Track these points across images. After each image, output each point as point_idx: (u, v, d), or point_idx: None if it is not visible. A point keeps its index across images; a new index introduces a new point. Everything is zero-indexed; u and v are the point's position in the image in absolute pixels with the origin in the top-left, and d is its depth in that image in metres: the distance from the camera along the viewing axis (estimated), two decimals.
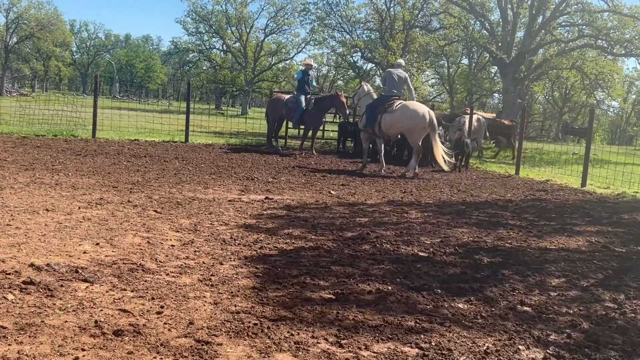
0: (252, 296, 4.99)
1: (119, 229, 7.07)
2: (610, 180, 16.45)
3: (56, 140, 17.14)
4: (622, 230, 9.40)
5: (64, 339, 3.89)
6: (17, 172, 10.81)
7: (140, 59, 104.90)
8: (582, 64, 35.94)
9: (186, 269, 5.65)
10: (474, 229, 8.70)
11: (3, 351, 3.66)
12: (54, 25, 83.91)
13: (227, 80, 71.95)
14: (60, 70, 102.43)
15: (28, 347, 3.75)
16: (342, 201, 10.50)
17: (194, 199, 9.49)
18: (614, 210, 11.59)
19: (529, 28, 33.38)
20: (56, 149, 14.87)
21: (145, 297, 4.78)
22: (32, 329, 4.00)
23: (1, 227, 6.62)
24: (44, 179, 10.21)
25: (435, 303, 5.14)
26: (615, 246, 8.08)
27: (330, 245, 6.98)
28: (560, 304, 5.39)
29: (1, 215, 7.19)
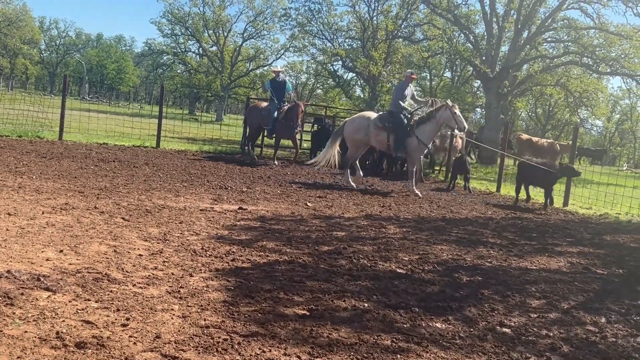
0: (222, 310, 4.96)
1: (84, 236, 7.00)
2: (592, 200, 16.63)
3: (20, 142, 16.94)
4: (604, 252, 9.50)
5: (23, 350, 3.83)
6: None
7: (112, 60, 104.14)
8: (567, 81, 36.42)
9: (154, 280, 5.59)
10: (454, 246, 8.74)
11: None
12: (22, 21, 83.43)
13: (202, 85, 71.78)
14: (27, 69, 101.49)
15: None
16: (318, 214, 10.49)
17: (164, 207, 9.42)
18: (596, 231, 11.72)
19: (514, 43, 33.73)
20: (20, 151, 14.70)
21: (110, 309, 4.72)
22: None
23: None
24: (6, 182, 10.08)
25: (413, 322, 5.15)
26: (597, 268, 8.17)
27: (305, 260, 6.96)
28: (540, 326, 5.42)
29: None
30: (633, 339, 5.30)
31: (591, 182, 22.17)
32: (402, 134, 14.81)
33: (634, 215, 14.51)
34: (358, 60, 43.55)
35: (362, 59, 43.04)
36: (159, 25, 71.78)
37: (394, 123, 14.93)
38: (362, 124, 15.30)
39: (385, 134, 14.95)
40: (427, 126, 14.75)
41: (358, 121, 15.56)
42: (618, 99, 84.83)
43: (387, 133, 14.93)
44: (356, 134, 15.36)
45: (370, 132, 15.09)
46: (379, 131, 15.01)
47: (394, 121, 14.97)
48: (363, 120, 15.41)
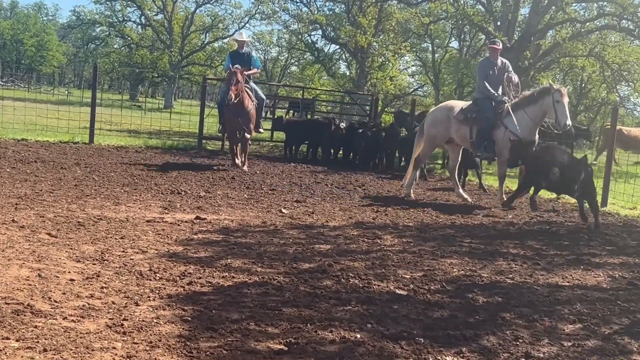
0: (178, 347, 4.93)
1: (0, 257, 6.94)
2: (637, 198, 16.71)
3: None
4: None
5: None
6: None
7: (31, 34, 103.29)
8: (602, 50, 36.50)
9: (90, 311, 5.56)
10: (466, 259, 8.75)
11: None
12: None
13: (146, 63, 71.47)
14: None
15: None
16: (296, 223, 10.47)
17: (100, 219, 9.38)
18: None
19: (535, 4, 33.84)
20: None
21: (34, 349, 4.69)
22: None
23: None
24: None
25: (417, 356, 5.15)
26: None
27: (281, 281, 6.95)
28: (576, 357, 5.45)
29: None
30: None
31: (635, 176, 22.29)
32: (488, 126, 13.99)
33: None
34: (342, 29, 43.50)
35: (346, 27, 43.00)
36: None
37: (477, 113, 14.14)
38: (442, 115, 14.88)
39: (468, 129, 14.24)
40: (523, 114, 13.58)
41: (437, 112, 15.20)
42: None
43: (469, 127, 14.22)
44: (433, 128, 14.99)
45: (451, 126, 14.57)
46: (459, 125, 14.48)
47: (478, 111, 14.21)
48: (443, 112, 14.99)
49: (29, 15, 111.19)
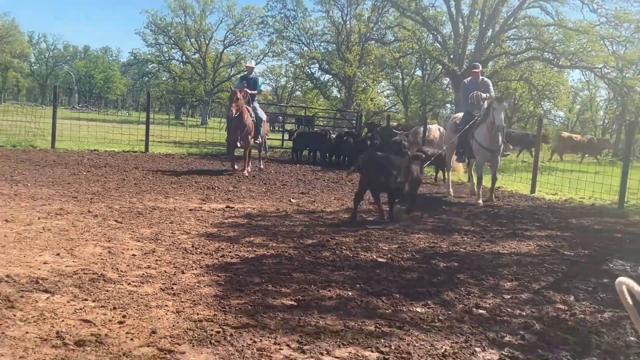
0: (214, 304, 4.94)
1: (79, 239, 6.95)
2: (557, 187, 16.75)
3: (15, 151, 16.77)
4: (570, 235, 9.57)
5: (25, 350, 3.79)
6: None
7: (100, 70, 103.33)
8: (530, 76, 36.69)
9: (148, 278, 5.57)
10: (430, 234, 8.77)
11: None
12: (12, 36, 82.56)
13: (186, 91, 71.43)
14: (19, 81, 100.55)
15: None
16: (302, 209, 10.48)
17: (154, 209, 9.37)
18: (562, 215, 11.80)
19: (479, 41, 33.85)
20: (15, 160, 14.55)
21: (107, 307, 4.70)
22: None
23: None
24: (2, 190, 9.97)
25: (394, 307, 5.16)
26: (564, 250, 8.23)
27: (291, 253, 6.96)
28: (513, 306, 5.46)
29: None
30: (600, 315, 5.35)
31: (556, 170, 22.34)
32: (464, 136, 13.25)
33: (597, 199, 14.63)
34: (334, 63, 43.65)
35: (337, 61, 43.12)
36: (143, 35, 71.23)
37: (460, 125, 13.41)
38: (450, 126, 14.38)
39: (456, 138, 13.55)
40: (484, 125, 12.65)
41: (449, 123, 14.41)
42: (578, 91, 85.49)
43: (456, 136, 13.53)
44: (447, 134, 14.58)
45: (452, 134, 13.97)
46: (453, 134, 13.88)
47: (461, 123, 13.48)
48: (451, 123, 14.43)
49: (98, 56, 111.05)
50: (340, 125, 30.74)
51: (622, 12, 31.04)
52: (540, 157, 16.97)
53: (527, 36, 35.67)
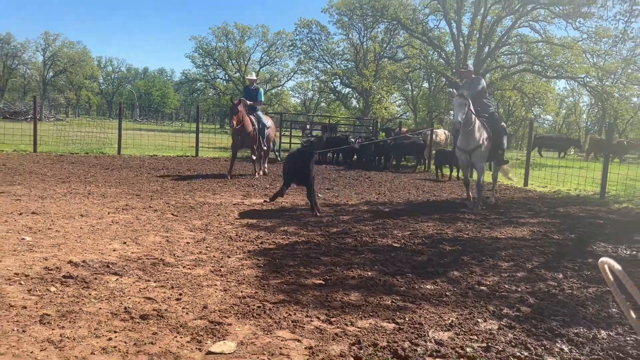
0: (255, 283, 4.97)
1: (142, 230, 7.02)
2: (547, 180, 16.55)
3: (87, 157, 17.01)
4: (558, 221, 9.46)
5: (99, 324, 3.85)
6: (55, 184, 10.71)
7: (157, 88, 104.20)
8: (522, 86, 36.28)
9: (199, 262, 5.61)
10: (437, 223, 8.72)
11: (48, 335, 3.62)
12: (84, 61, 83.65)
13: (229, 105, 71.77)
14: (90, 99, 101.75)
15: (69, 331, 3.71)
16: (327, 203, 10.48)
17: (204, 204, 9.44)
18: (552, 205, 11.66)
19: (477, 57, 33.57)
20: (88, 164, 14.76)
21: (166, 286, 4.74)
22: (72, 316, 3.95)
23: (44, 231, 6.56)
24: (78, 190, 10.12)
25: (408, 285, 5.14)
26: (554, 234, 8.14)
27: (319, 240, 6.96)
28: (510, 283, 5.41)
29: (43, 221, 7.12)
30: (585, 290, 5.28)
31: (546, 165, 22.07)
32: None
33: (581, 191, 14.42)
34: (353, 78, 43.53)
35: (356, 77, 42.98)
36: (192, 58, 71.76)
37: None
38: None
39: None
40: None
41: None
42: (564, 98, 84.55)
43: None
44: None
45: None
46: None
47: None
48: None
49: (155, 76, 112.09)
50: (359, 132, 30.63)
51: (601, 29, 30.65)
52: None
53: (518, 52, 35.34)
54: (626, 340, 4.07)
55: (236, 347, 3.60)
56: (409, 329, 4.06)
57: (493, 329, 4.16)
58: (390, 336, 3.91)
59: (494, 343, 3.88)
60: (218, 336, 3.75)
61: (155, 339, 3.66)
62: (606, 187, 13.33)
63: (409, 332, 4.00)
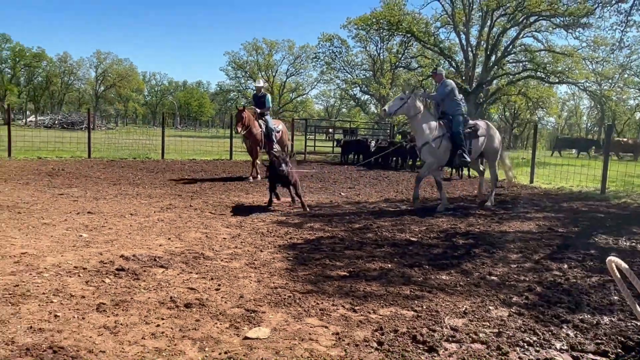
0: (285, 275, 4.98)
1: (184, 227, 7.09)
2: (551, 177, 16.28)
3: (135, 162, 17.23)
4: (562, 216, 9.29)
5: (148, 311, 3.90)
6: (108, 186, 10.88)
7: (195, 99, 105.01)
8: (526, 91, 35.81)
9: (235, 256, 5.65)
10: (451, 218, 8.63)
11: (104, 322, 3.68)
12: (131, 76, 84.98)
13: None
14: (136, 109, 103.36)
15: (122, 318, 3.76)
16: (349, 201, 10.45)
17: (238, 203, 9.49)
18: (556, 200, 11.46)
19: (485, 65, 33.25)
20: (135, 168, 14.96)
21: (206, 278, 4.79)
22: (124, 304, 4.02)
23: (98, 228, 6.67)
24: (127, 191, 10.26)
25: (425, 276, 5.11)
26: (558, 228, 8.00)
27: (342, 235, 6.95)
28: (519, 273, 5.34)
29: (98, 219, 7.24)
30: (589, 279, 5.19)
31: (549, 164, 21.71)
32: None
33: (583, 187, 14.15)
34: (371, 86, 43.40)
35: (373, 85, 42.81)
36: (226, 71, 72.62)
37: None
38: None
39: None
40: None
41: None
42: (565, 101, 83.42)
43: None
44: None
45: None
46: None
47: None
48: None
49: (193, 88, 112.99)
50: (377, 134, 30.52)
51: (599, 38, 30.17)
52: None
53: (523, 60, 34.88)
54: (627, 326, 3.99)
55: (270, 333, 3.62)
56: (427, 316, 4.03)
57: (504, 316, 4.11)
58: (410, 323, 3.89)
59: (504, 329, 3.84)
60: (253, 323, 3.78)
61: (198, 325, 3.70)
62: (606, 183, 13.05)
63: (426, 319, 3.97)
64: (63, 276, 4.65)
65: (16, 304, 3.93)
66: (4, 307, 3.87)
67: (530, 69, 33.72)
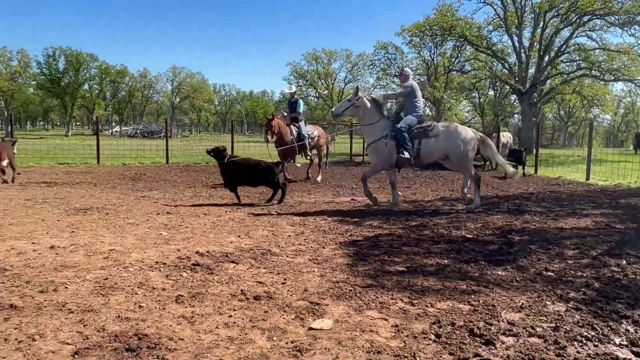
0: (346, 270, 4.98)
1: (252, 225, 7.22)
2: (608, 174, 15.43)
3: (208, 166, 17.74)
4: (620, 212, 8.78)
5: (221, 303, 4.00)
6: (184, 189, 11.26)
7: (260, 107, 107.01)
8: (581, 89, 34.08)
9: (299, 252, 5.69)
10: (506, 215, 8.35)
11: (182, 312, 3.80)
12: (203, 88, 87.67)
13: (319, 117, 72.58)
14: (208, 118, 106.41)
15: (198, 309, 3.88)
16: (406, 199, 10.32)
17: (301, 202, 9.57)
18: (613, 197, 10.85)
19: (538, 65, 31.91)
20: (208, 172, 15.40)
21: (273, 272, 4.85)
22: (200, 296, 4.13)
23: (176, 227, 6.91)
24: (201, 193, 10.58)
25: (481, 271, 4.96)
26: (616, 224, 7.56)
27: (400, 232, 6.87)
28: (576, 269, 5.08)
29: (176, 219, 7.50)
30: None
31: (605, 161, 20.60)
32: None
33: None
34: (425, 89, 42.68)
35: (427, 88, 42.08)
36: (288, 80, 73.16)
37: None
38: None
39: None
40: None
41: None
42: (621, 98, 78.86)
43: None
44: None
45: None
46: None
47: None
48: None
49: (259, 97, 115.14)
50: None
51: None
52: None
53: (577, 59, 33.23)
54: None
55: (333, 324, 3.62)
56: (483, 310, 3.92)
57: (561, 311, 3.92)
58: (467, 316, 3.79)
59: (562, 323, 3.67)
60: (317, 315, 3.79)
61: (266, 316, 3.76)
62: None
63: (483, 313, 3.86)
64: (146, 270, 4.84)
65: (106, 295, 4.14)
66: (96, 298, 4.08)
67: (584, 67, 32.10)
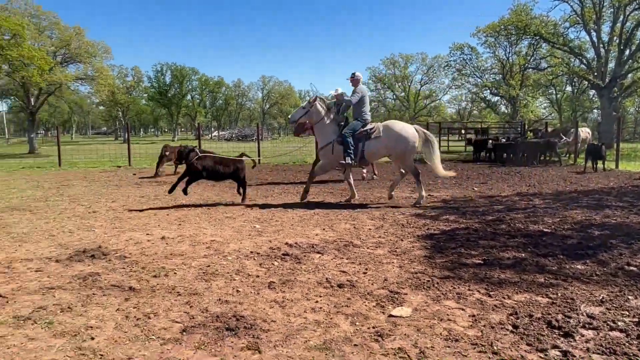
0: (424, 262, 4.90)
1: (335, 219, 7.30)
2: None
3: (294, 165, 18.13)
4: None
5: (309, 290, 4.09)
6: (273, 186, 11.60)
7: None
8: None
9: (380, 244, 5.68)
10: (585, 210, 7.79)
11: (274, 297, 3.94)
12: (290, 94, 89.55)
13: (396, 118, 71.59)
14: None
15: (288, 294, 4.00)
16: (482, 194, 9.94)
17: (381, 198, 9.52)
18: None
19: (618, 60, 29.31)
20: (295, 171, 15.74)
21: (355, 263, 4.88)
22: (289, 283, 4.26)
23: (268, 221, 7.15)
24: (289, 190, 10.85)
25: (559, 265, 4.68)
26: None
27: (476, 226, 6.63)
28: None
29: (267, 213, 7.76)
30: None
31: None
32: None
33: None
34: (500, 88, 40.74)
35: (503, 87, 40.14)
36: (367, 85, 72.77)
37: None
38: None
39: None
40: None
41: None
42: None
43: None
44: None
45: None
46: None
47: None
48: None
49: None
50: (507, 133, 28.54)
51: None
52: None
53: None
54: None
55: (412, 312, 3.59)
56: (562, 303, 3.70)
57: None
58: (544, 309, 3.60)
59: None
60: (397, 303, 3.77)
61: (349, 302, 3.80)
62: None
63: (561, 306, 3.64)
64: (242, 259, 5.06)
65: (208, 281, 4.37)
66: (200, 282, 4.33)
67: None
